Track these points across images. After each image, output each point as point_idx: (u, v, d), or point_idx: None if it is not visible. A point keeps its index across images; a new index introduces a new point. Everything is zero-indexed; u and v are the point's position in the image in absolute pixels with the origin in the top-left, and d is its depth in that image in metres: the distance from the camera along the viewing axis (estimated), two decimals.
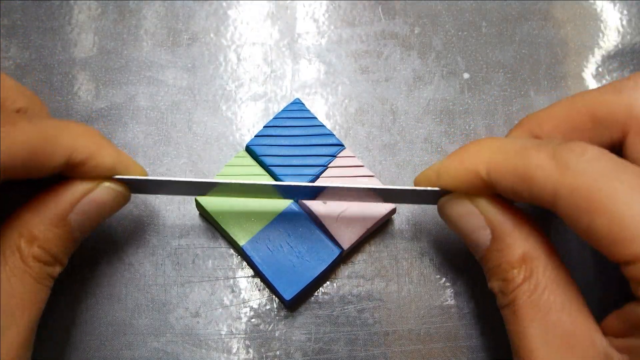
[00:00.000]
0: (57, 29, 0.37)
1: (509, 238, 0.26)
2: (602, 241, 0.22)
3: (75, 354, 0.31)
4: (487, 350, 0.31)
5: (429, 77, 0.37)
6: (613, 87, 0.26)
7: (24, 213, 0.26)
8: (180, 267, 0.33)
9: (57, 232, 0.26)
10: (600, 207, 0.22)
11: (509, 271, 0.25)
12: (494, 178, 0.25)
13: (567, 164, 0.23)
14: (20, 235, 0.26)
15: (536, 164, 0.24)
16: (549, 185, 0.23)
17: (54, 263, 0.27)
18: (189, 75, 0.36)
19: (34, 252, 0.26)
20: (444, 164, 0.27)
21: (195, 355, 0.31)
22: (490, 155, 0.25)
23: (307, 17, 0.38)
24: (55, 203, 0.26)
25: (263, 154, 0.33)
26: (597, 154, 0.23)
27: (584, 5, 0.38)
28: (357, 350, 0.31)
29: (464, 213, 0.27)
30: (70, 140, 0.25)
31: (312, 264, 0.31)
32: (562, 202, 0.23)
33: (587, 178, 0.23)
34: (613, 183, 0.22)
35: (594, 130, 0.27)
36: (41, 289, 0.26)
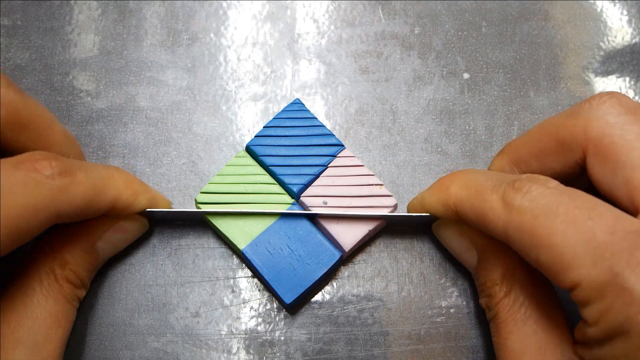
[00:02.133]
0: (57, 29, 0.37)
1: (492, 258, 0.29)
2: (549, 272, 0.24)
3: (75, 354, 0.31)
4: (487, 350, 0.31)
5: (429, 77, 0.37)
6: (571, 111, 0.28)
7: (57, 241, 0.29)
8: (180, 267, 0.33)
9: (86, 258, 0.29)
10: (541, 242, 0.24)
11: (492, 288, 0.28)
12: (459, 213, 0.28)
13: (513, 204, 0.25)
14: (54, 259, 0.28)
15: (489, 206, 0.26)
16: (499, 225, 0.26)
17: (81, 286, 0.29)
18: (189, 75, 0.36)
19: (66, 274, 0.28)
20: (424, 195, 0.30)
21: (195, 355, 0.31)
22: (456, 191, 0.28)
23: (307, 17, 0.38)
24: (85, 233, 0.29)
25: (263, 154, 0.33)
26: (540, 191, 0.25)
27: (584, 5, 0.38)
28: (357, 350, 0.31)
29: (452, 236, 0.31)
30: (115, 191, 0.28)
31: (312, 267, 0.31)
32: (511, 240, 0.25)
33: (529, 215, 0.24)
34: (550, 218, 0.24)
35: (560, 154, 0.28)
36: (71, 309, 0.29)
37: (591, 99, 0.27)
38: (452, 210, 0.28)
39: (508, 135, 0.36)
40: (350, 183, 0.32)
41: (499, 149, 0.35)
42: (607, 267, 0.22)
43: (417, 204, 0.31)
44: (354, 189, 0.32)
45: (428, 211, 0.30)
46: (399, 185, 0.35)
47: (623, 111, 0.26)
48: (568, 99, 0.36)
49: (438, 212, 0.30)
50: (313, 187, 0.32)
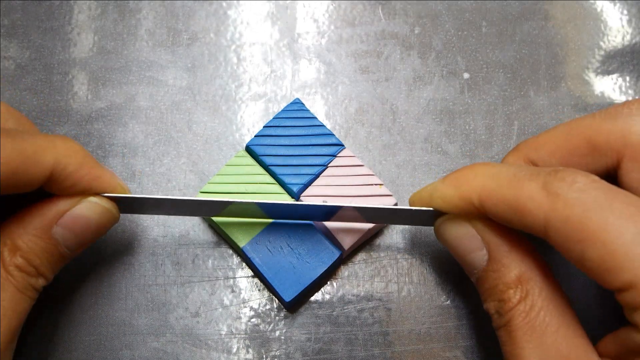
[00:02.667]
0: (57, 29, 0.37)
1: (506, 259, 0.26)
2: (595, 270, 0.23)
3: (75, 354, 0.31)
4: (487, 350, 0.31)
5: (429, 77, 0.37)
6: (608, 114, 0.27)
7: (8, 224, 0.27)
8: (180, 267, 0.33)
9: (40, 245, 0.27)
10: (591, 237, 0.22)
11: (505, 292, 0.26)
12: (486, 206, 0.26)
13: (558, 194, 0.23)
14: (4, 244, 0.26)
15: (527, 195, 0.24)
16: (540, 216, 0.24)
17: (37, 275, 0.27)
18: (189, 75, 0.36)
19: (16, 261, 0.26)
20: (437, 188, 0.27)
21: (195, 355, 0.31)
22: (483, 183, 0.26)
23: (307, 17, 0.38)
24: (39, 216, 0.27)
25: (263, 154, 0.33)
26: (587, 183, 0.23)
27: (584, 5, 0.38)
28: (357, 350, 0.31)
29: (461, 234, 0.28)
30: (51, 158, 0.26)
31: (312, 265, 0.31)
32: (554, 232, 0.23)
33: (578, 208, 0.23)
34: (604, 212, 0.22)
35: (589, 157, 0.27)
36: (23, 299, 0.26)
37: (630, 104, 0.26)
38: (472, 203, 0.26)
39: (508, 135, 0.36)
40: (350, 183, 0.32)
41: (499, 148, 0.35)
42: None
43: (425, 197, 0.28)
44: (354, 189, 0.32)
45: (439, 205, 0.28)
46: (399, 185, 0.35)
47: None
48: (568, 99, 0.36)
49: (453, 206, 0.27)
50: (313, 187, 0.32)
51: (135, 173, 0.34)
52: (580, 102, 0.36)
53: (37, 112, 0.35)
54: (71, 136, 0.35)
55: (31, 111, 0.35)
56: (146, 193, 0.34)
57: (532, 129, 0.36)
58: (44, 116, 0.35)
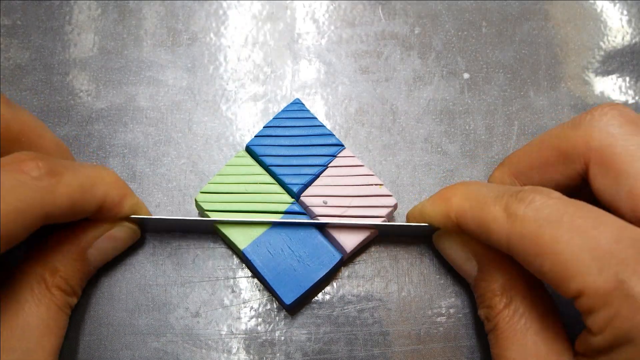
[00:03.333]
0: (57, 29, 0.37)
1: (492, 269, 0.29)
2: (552, 281, 0.24)
3: (75, 354, 0.31)
4: (487, 350, 0.31)
5: (429, 77, 0.37)
6: (572, 123, 0.28)
7: (48, 248, 0.29)
8: (180, 267, 0.33)
9: (77, 266, 0.29)
10: (545, 251, 0.24)
11: (492, 299, 0.28)
12: (461, 225, 0.28)
13: (516, 214, 0.25)
14: (45, 266, 0.28)
15: (492, 217, 0.26)
16: (502, 235, 0.26)
17: (72, 293, 0.29)
18: (189, 75, 0.36)
19: (56, 282, 0.28)
20: (425, 206, 0.30)
21: (195, 355, 0.31)
22: (458, 203, 0.28)
23: (307, 17, 0.38)
24: (76, 240, 0.29)
25: (263, 154, 0.33)
26: (543, 201, 0.25)
27: (584, 5, 0.38)
28: (357, 350, 0.31)
29: (453, 247, 0.30)
30: (102, 191, 0.28)
31: (313, 268, 0.31)
32: (515, 249, 0.25)
33: (533, 225, 0.25)
34: (554, 226, 0.24)
35: (561, 165, 0.28)
36: (62, 316, 0.28)
37: (592, 110, 0.28)
38: (453, 221, 0.28)
39: (508, 135, 0.36)
40: (350, 183, 0.32)
41: (499, 149, 0.35)
42: (613, 274, 0.22)
43: (417, 214, 0.31)
44: (354, 189, 0.32)
45: (428, 222, 0.30)
46: (399, 185, 0.35)
47: (625, 122, 0.27)
48: (568, 99, 0.36)
49: (439, 223, 0.29)
50: (313, 187, 0.32)
51: (135, 173, 0.34)
52: (580, 102, 0.36)
53: (37, 113, 0.35)
54: (72, 137, 0.35)
55: (31, 111, 0.35)
56: (146, 194, 0.34)
57: (532, 129, 0.36)
58: (44, 116, 0.35)
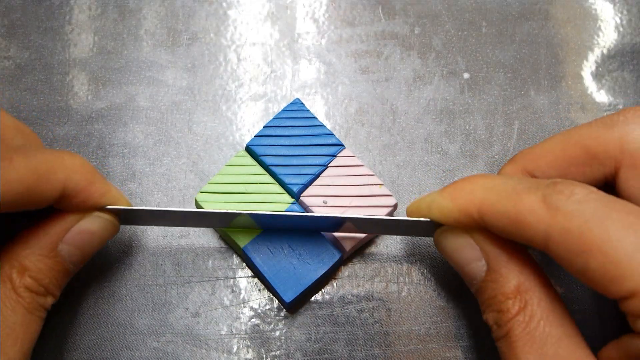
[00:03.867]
0: (57, 29, 0.37)
1: (504, 269, 0.26)
2: (598, 280, 0.23)
3: (75, 354, 0.31)
4: (486, 351, 0.31)
5: (429, 77, 0.37)
6: (604, 123, 0.27)
7: (15, 245, 0.27)
8: (180, 267, 0.33)
9: (47, 263, 0.27)
10: (593, 248, 0.22)
11: (504, 302, 0.26)
12: (486, 219, 0.26)
13: (557, 206, 0.23)
14: (12, 266, 0.26)
15: (527, 208, 0.24)
16: (540, 229, 0.24)
17: (46, 294, 0.27)
18: (189, 75, 0.36)
19: (25, 282, 0.26)
20: (435, 199, 0.27)
21: (195, 355, 0.31)
22: (482, 196, 0.26)
23: (307, 17, 0.38)
24: (44, 234, 0.27)
25: (263, 154, 0.33)
26: (585, 194, 0.23)
27: (584, 5, 0.38)
28: (357, 350, 0.31)
29: (460, 245, 0.27)
30: (62, 175, 0.26)
31: (312, 266, 0.31)
32: (554, 245, 0.24)
33: (578, 219, 0.23)
34: (603, 223, 0.23)
35: (587, 166, 0.27)
36: (33, 319, 0.26)
37: (625, 112, 0.27)
38: (471, 216, 0.26)
39: (508, 135, 0.36)
40: (350, 183, 0.32)
41: (499, 148, 0.35)
42: None
43: (423, 208, 0.28)
44: (354, 189, 0.32)
45: (438, 217, 0.27)
46: (399, 185, 0.35)
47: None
48: (568, 99, 0.36)
49: (452, 219, 0.27)
50: (313, 187, 0.32)
51: (135, 173, 0.34)
52: (580, 102, 0.36)
53: (37, 112, 0.35)
54: (71, 136, 0.35)
55: (31, 111, 0.35)
56: (146, 193, 0.34)
57: (532, 129, 0.36)
58: (44, 116, 0.35)
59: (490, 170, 0.35)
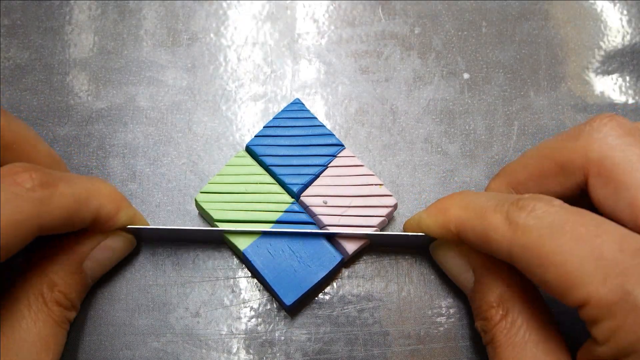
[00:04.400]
0: (57, 29, 0.37)
1: (488, 280, 0.28)
2: (555, 291, 0.24)
3: (75, 354, 0.31)
4: (487, 351, 0.31)
5: (429, 77, 0.37)
6: (571, 134, 0.28)
7: (44, 261, 0.28)
8: (180, 267, 0.33)
9: (74, 278, 0.29)
10: (547, 261, 0.24)
11: (488, 311, 0.28)
12: (461, 235, 0.28)
13: (517, 222, 0.25)
14: (43, 282, 0.28)
15: (493, 226, 0.26)
16: (504, 244, 0.25)
17: (71, 308, 0.29)
18: (189, 75, 0.36)
19: (55, 296, 0.28)
20: (422, 217, 0.30)
21: (195, 355, 0.31)
22: (457, 212, 0.28)
23: (307, 17, 0.38)
24: (72, 252, 0.29)
25: (263, 154, 0.33)
26: (545, 210, 0.25)
27: (584, 5, 0.38)
28: (357, 350, 0.31)
29: (450, 257, 0.30)
30: (97, 203, 0.28)
31: (313, 269, 0.31)
32: (517, 259, 0.25)
33: (534, 234, 0.24)
34: (556, 236, 0.24)
35: (560, 176, 0.28)
36: (61, 332, 0.28)
37: (591, 121, 0.27)
38: (451, 232, 0.28)
39: (508, 135, 0.36)
40: (350, 183, 0.32)
41: (499, 148, 0.35)
42: (617, 284, 0.22)
43: (414, 225, 0.31)
44: (354, 189, 0.32)
45: (426, 232, 0.30)
46: (399, 185, 0.35)
47: (623, 133, 0.26)
48: (568, 99, 0.36)
49: (437, 234, 0.29)
50: (313, 187, 0.32)
51: (135, 173, 0.34)
52: (580, 102, 0.36)
53: (37, 113, 0.35)
54: (71, 136, 0.35)
55: (31, 111, 0.35)
56: (146, 194, 0.34)
57: (532, 129, 0.36)
58: (44, 116, 0.35)
59: (490, 170, 0.35)
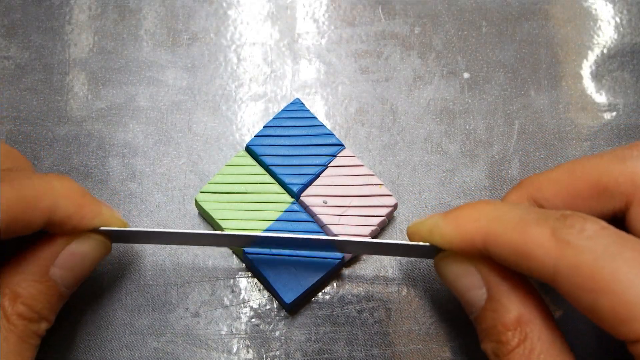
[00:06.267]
0: (57, 29, 0.37)
1: (505, 299, 0.25)
2: (607, 320, 0.22)
3: (75, 354, 0.31)
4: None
5: (429, 77, 0.37)
6: (615, 156, 0.26)
7: (5, 271, 0.26)
8: (180, 267, 0.33)
9: (40, 288, 0.26)
10: (603, 287, 0.22)
11: (504, 333, 0.25)
12: (491, 249, 0.25)
13: (568, 241, 0.23)
14: (3, 294, 0.25)
15: (535, 241, 0.23)
16: (548, 263, 0.23)
17: (39, 320, 0.26)
18: (189, 75, 0.36)
19: (17, 309, 0.25)
20: (438, 224, 0.26)
21: (195, 355, 0.31)
22: (487, 225, 0.25)
23: (307, 17, 0.38)
24: (35, 259, 0.26)
25: (263, 154, 0.33)
26: (597, 230, 0.23)
27: (584, 5, 0.38)
28: (357, 350, 0.31)
29: (461, 272, 0.27)
30: (49, 201, 0.25)
31: (313, 268, 0.31)
32: (563, 280, 0.23)
33: (588, 256, 0.22)
34: (615, 261, 0.22)
35: (596, 199, 0.26)
36: (26, 347, 0.26)
37: (637, 145, 0.26)
38: (475, 246, 0.25)
39: (508, 135, 0.36)
40: (350, 183, 0.32)
41: (499, 148, 0.35)
42: None
43: (424, 231, 0.27)
44: (354, 189, 0.32)
45: (439, 242, 0.27)
46: (399, 185, 0.35)
47: None
48: (568, 99, 0.36)
49: (454, 245, 0.26)
50: (313, 187, 0.32)
51: (135, 173, 0.34)
52: (580, 102, 0.36)
53: (37, 112, 0.35)
54: (71, 136, 0.35)
55: (31, 111, 0.35)
56: (146, 193, 0.34)
57: (532, 129, 0.36)
58: (44, 116, 0.35)
59: (490, 170, 0.35)
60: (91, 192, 0.33)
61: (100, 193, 0.34)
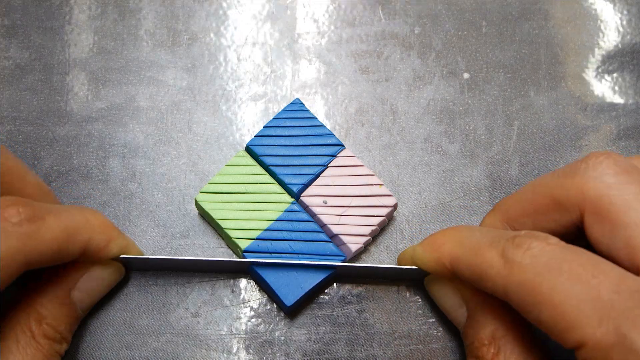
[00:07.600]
0: (57, 29, 0.37)
1: (481, 316, 0.28)
2: (551, 331, 0.24)
3: (75, 354, 0.31)
4: None
5: (429, 77, 0.37)
6: (567, 171, 0.28)
7: (31, 293, 0.28)
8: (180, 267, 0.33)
9: (62, 310, 0.28)
10: (543, 300, 0.23)
11: (480, 348, 0.27)
12: (455, 271, 0.27)
13: (514, 260, 0.25)
14: (30, 315, 0.27)
15: (488, 262, 0.25)
16: (499, 282, 0.25)
17: (61, 340, 0.28)
18: (189, 75, 0.36)
19: (43, 330, 0.27)
20: (416, 251, 0.30)
21: (195, 355, 0.31)
22: (451, 248, 0.28)
23: (307, 17, 0.38)
24: (59, 283, 0.28)
25: (263, 154, 0.33)
26: (541, 247, 0.24)
27: (584, 5, 0.38)
28: (357, 350, 0.31)
29: (444, 292, 0.30)
30: (87, 235, 0.28)
31: (314, 270, 0.31)
32: (513, 297, 0.25)
33: (530, 272, 0.24)
34: (553, 275, 0.23)
35: (556, 213, 0.28)
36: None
37: (587, 159, 0.27)
38: (446, 268, 0.28)
39: (508, 135, 0.36)
40: (350, 183, 0.32)
41: (499, 149, 0.35)
42: (614, 327, 0.22)
43: (408, 259, 0.30)
44: (353, 189, 0.32)
45: (420, 267, 0.30)
46: (399, 185, 0.35)
47: (620, 171, 0.26)
48: (568, 99, 0.36)
49: (430, 269, 0.29)
50: (313, 187, 0.32)
51: (135, 173, 0.34)
52: (580, 102, 0.36)
53: (37, 112, 0.35)
54: (71, 136, 0.35)
55: (31, 111, 0.35)
56: (146, 193, 0.34)
57: (532, 129, 0.36)
58: (44, 116, 0.35)
59: (490, 170, 0.35)
60: (91, 192, 0.34)
61: (100, 193, 0.34)
